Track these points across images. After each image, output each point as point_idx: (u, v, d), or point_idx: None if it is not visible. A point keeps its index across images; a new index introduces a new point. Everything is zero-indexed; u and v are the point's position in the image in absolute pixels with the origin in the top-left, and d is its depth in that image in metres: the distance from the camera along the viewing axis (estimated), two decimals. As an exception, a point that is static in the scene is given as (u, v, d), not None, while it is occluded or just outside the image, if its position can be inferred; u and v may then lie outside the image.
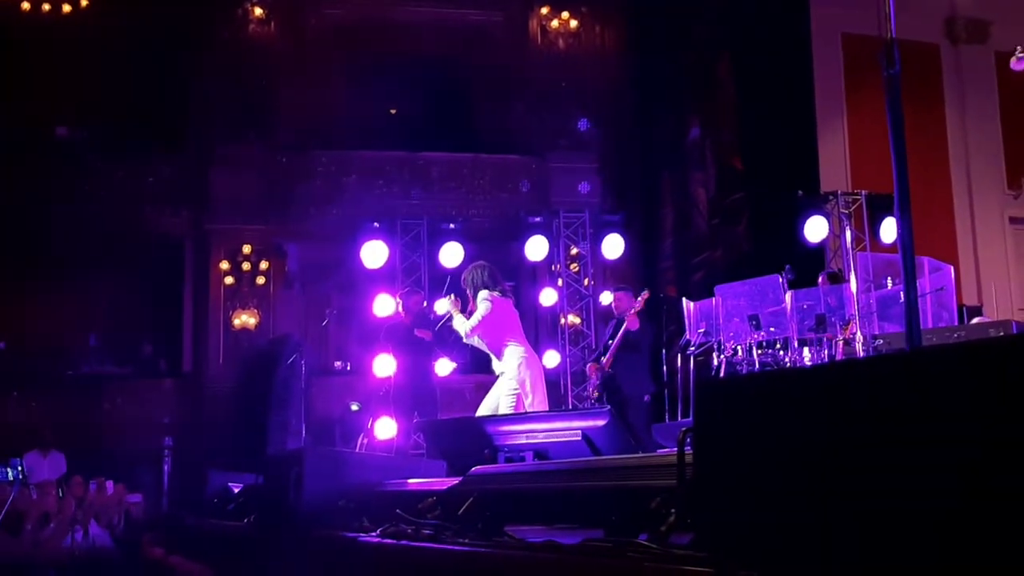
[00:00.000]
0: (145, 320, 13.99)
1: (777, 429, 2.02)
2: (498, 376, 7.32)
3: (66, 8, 13.90)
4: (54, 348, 13.34)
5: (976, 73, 13.89)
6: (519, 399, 7.04)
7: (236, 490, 7.07)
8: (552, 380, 10.46)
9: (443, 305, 8.08)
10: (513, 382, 7.10)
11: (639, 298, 9.16)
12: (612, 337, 9.22)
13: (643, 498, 2.60)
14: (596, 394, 9.25)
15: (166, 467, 12.05)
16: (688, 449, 2.42)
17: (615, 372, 9.12)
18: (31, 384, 12.76)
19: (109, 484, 10.83)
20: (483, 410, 7.19)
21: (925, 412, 1.68)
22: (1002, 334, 7.62)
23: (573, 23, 14.83)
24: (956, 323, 9.29)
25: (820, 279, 9.77)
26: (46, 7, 13.89)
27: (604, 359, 9.18)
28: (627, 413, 8.97)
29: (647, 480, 2.84)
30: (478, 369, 11.85)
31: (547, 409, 7.47)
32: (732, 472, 2.11)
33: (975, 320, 9.52)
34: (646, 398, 9.84)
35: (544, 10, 14.81)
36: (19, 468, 8.27)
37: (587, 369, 9.77)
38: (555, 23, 14.79)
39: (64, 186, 13.20)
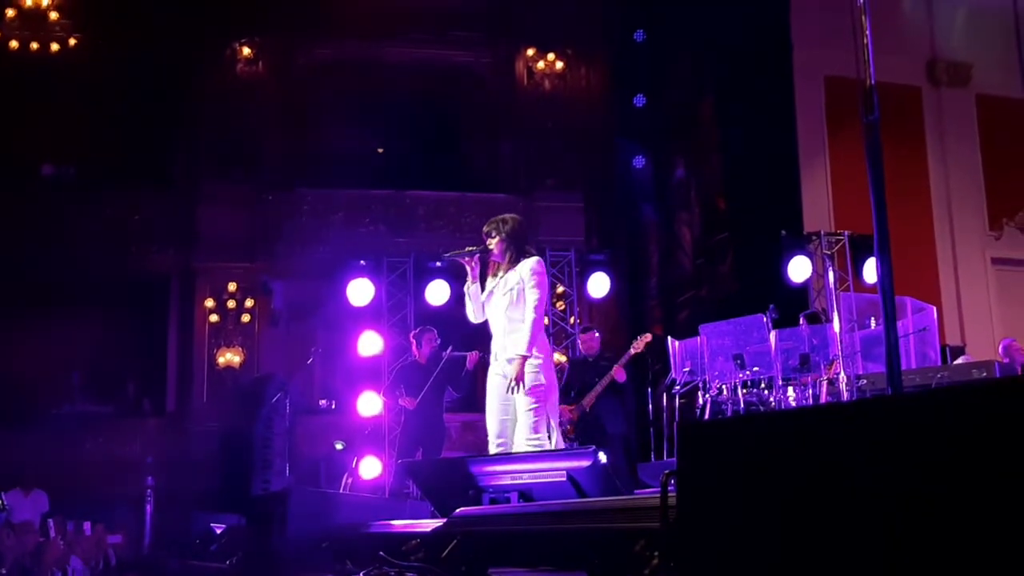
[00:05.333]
0: (129, 358, 13.90)
1: (758, 472, 2.03)
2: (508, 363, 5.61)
3: (54, 47, 13.95)
4: (36, 386, 13.21)
5: (957, 115, 14.04)
6: (550, 383, 5.74)
7: (219, 531, 7.02)
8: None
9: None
10: (539, 375, 5.63)
11: (639, 340, 9.24)
12: (598, 377, 9.18)
13: (627, 541, 2.61)
14: (573, 434, 9.16)
15: (148, 508, 11.92)
16: (672, 491, 2.43)
17: (598, 412, 9.13)
18: (12, 422, 12.64)
19: (87, 525, 10.70)
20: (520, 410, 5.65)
21: (901, 457, 1.70)
22: (984, 375, 7.68)
23: (559, 64, 14.98)
24: (940, 363, 9.35)
25: (801, 321, 9.81)
26: (34, 45, 13.92)
27: (585, 400, 9.14)
28: (607, 452, 8.96)
29: (631, 523, 2.84)
30: (465, 408, 11.81)
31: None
32: (714, 515, 2.12)
33: (958, 360, 9.57)
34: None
35: (530, 52, 14.95)
36: (0, 506, 8.16)
37: (560, 411, 9.72)
38: (541, 64, 14.94)
39: (49, 223, 13.17)
